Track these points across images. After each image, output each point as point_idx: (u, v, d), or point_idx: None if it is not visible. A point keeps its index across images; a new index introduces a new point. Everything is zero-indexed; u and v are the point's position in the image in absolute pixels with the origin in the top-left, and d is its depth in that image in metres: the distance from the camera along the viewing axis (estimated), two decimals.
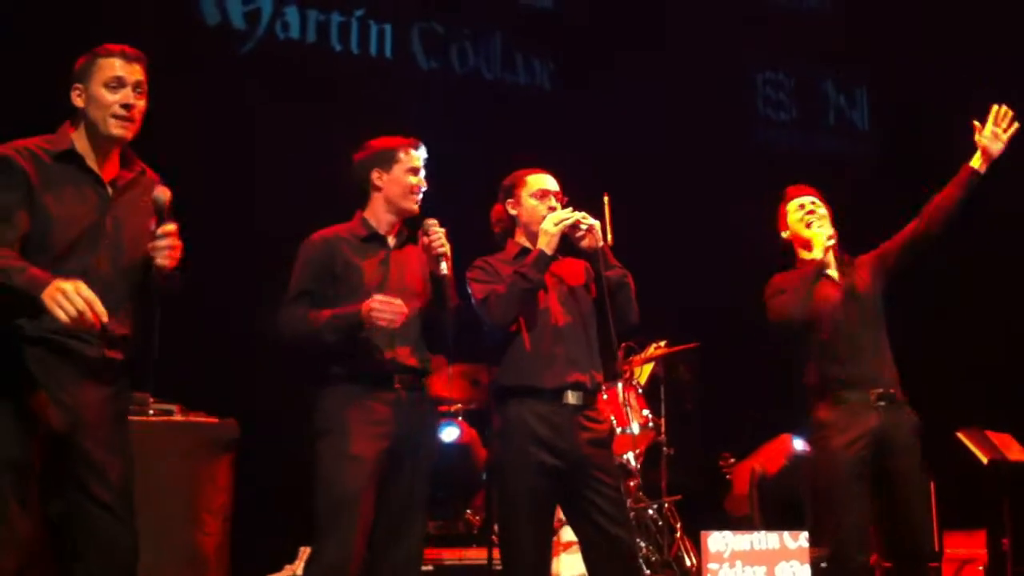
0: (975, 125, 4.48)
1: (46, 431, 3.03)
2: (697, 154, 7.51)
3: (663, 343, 6.10)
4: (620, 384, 5.62)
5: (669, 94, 7.48)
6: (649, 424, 5.73)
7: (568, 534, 4.98)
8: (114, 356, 3.17)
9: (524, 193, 4.10)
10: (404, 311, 3.59)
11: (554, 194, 4.10)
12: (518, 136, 6.63)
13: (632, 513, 5.23)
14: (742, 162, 7.79)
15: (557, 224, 3.92)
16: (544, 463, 3.82)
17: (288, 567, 4.96)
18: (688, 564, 5.62)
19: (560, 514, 4.11)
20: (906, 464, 4.29)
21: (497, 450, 4.01)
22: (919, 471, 4.35)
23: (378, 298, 3.58)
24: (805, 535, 5.16)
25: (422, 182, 3.88)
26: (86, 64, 3.26)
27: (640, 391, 5.79)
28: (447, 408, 6.01)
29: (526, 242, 4.11)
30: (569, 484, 3.86)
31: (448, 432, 5.83)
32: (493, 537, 4.87)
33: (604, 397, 5.27)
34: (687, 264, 7.16)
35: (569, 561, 5.05)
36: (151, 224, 3.16)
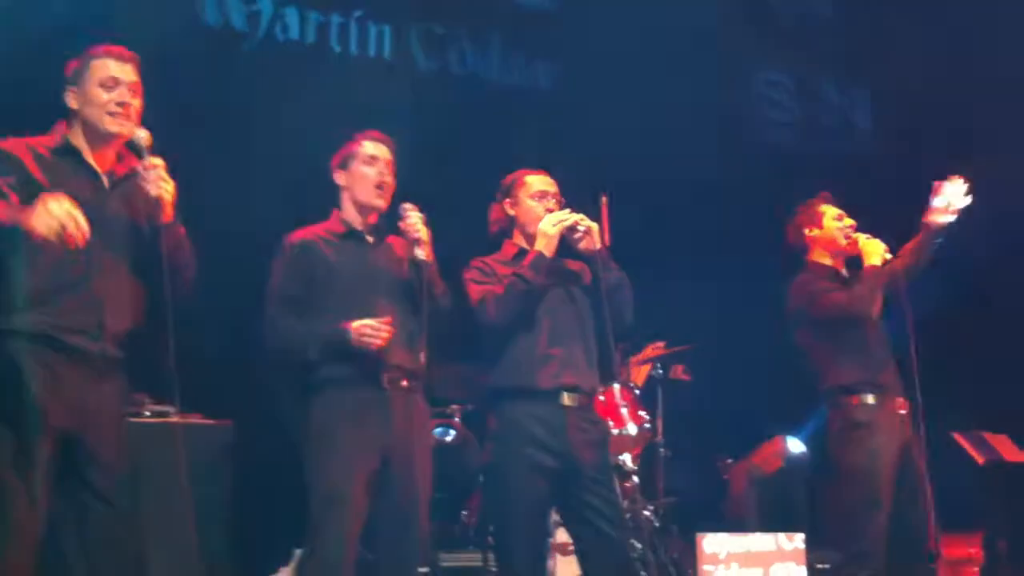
0: (935, 184, 4.52)
1: (51, 428, 3.05)
2: (696, 155, 7.51)
3: (660, 344, 6.11)
4: (616, 385, 5.63)
5: (668, 95, 7.47)
6: (645, 425, 5.73)
7: (563, 536, 4.98)
8: (115, 352, 3.19)
9: (523, 193, 4.11)
10: (390, 332, 3.58)
11: (553, 195, 4.11)
12: (517, 137, 6.63)
13: (628, 514, 5.24)
14: (742, 163, 7.79)
15: (555, 225, 3.93)
16: (540, 464, 3.83)
17: (283, 569, 4.96)
18: (684, 566, 5.63)
19: (555, 516, 4.12)
20: (916, 468, 4.40)
21: (493, 451, 4.03)
22: (924, 475, 4.42)
23: (367, 323, 3.58)
24: (801, 536, 5.17)
25: (381, 174, 3.84)
26: (79, 66, 3.30)
27: (637, 392, 5.79)
28: (443, 409, 6.01)
29: (524, 243, 4.12)
30: (565, 486, 3.88)
31: (444, 433, 5.83)
32: (489, 539, 4.89)
33: (600, 398, 5.27)
34: (684, 265, 7.16)
35: (564, 563, 5.05)
36: (145, 220, 3.20)
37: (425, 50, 7.17)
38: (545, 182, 4.13)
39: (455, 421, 5.98)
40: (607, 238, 4.67)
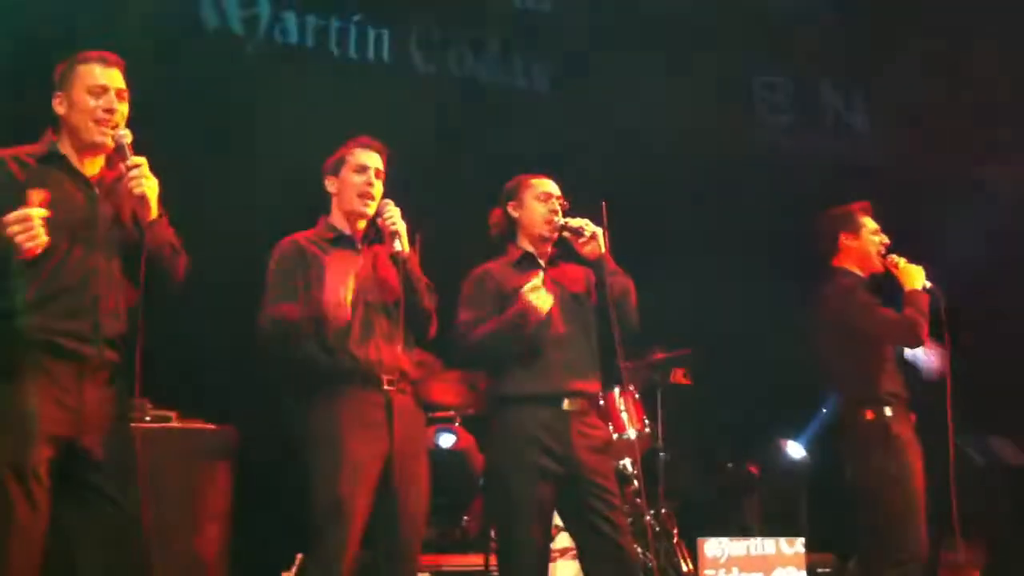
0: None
1: (49, 434, 3.03)
2: (695, 158, 7.51)
3: (660, 349, 6.10)
4: (617, 390, 5.62)
5: (667, 98, 7.47)
6: (646, 430, 5.72)
7: (563, 540, 4.97)
8: (112, 356, 3.18)
9: (528, 195, 4.12)
10: (342, 300, 3.54)
11: (557, 197, 4.11)
12: (516, 140, 6.62)
13: (629, 519, 5.23)
14: (740, 165, 7.79)
15: (536, 295, 3.85)
16: (542, 468, 3.83)
17: (285, 574, 4.95)
18: (684, 570, 5.62)
19: (557, 520, 4.11)
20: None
21: (495, 455, 4.02)
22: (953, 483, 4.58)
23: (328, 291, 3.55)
24: (801, 541, 5.18)
25: (370, 182, 3.81)
26: (65, 71, 3.28)
27: (637, 397, 5.78)
28: (444, 414, 6.00)
29: (528, 245, 4.13)
30: (567, 490, 3.87)
31: (445, 438, 5.82)
32: (491, 543, 4.88)
33: (601, 403, 5.26)
34: (684, 269, 7.16)
35: (565, 567, 5.05)
36: (133, 223, 3.19)
37: (424, 53, 7.17)
38: (549, 184, 4.14)
39: (456, 426, 5.96)
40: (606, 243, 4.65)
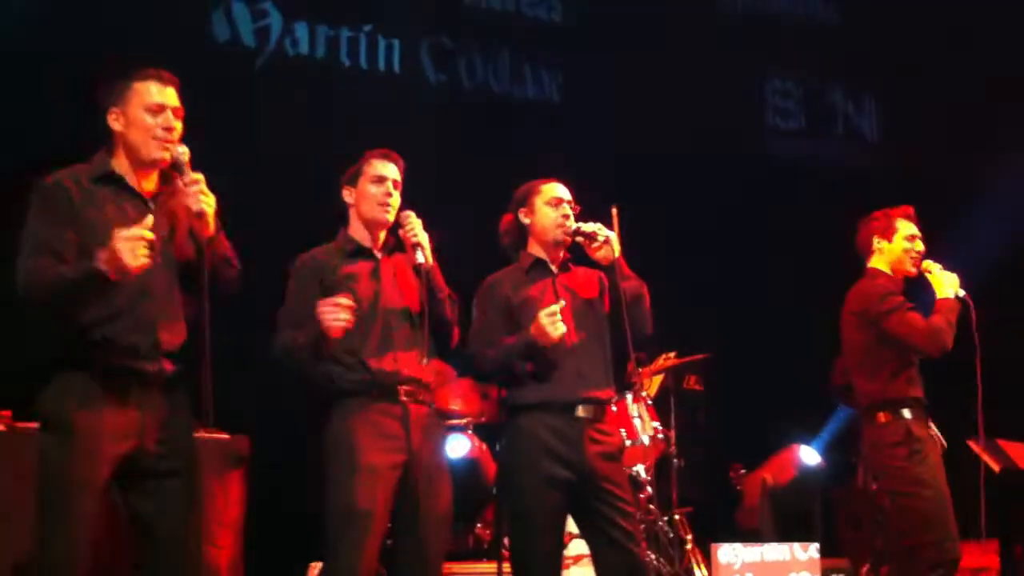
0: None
1: (112, 451, 3.06)
2: (705, 163, 7.52)
3: (672, 354, 6.10)
4: (630, 396, 5.62)
5: (677, 104, 7.49)
6: (659, 436, 5.72)
7: (576, 548, 4.97)
8: (171, 369, 3.21)
9: (539, 201, 4.10)
10: (343, 304, 3.53)
11: (568, 202, 4.11)
12: (527, 148, 6.65)
13: (643, 525, 5.23)
14: (751, 171, 7.80)
15: (552, 321, 3.86)
16: (555, 476, 3.82)
17: None
18: None
19: (570, 527, 4.11)
20: None
21: (507, 463, 4.01)
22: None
23: (322, 302, 3.56)
24: (815, 546, 5.16)
25: (388, 192, 3.80)
26: (121, 88, 3.26)
27: (650, 403, 5.78)
28: (457, 422, 6.01)
29: (539, 251, 4.11)
30: (580, 497, 3.86)
31: (458, 446, 5.82)
32: (503, 551, 4.88)
33: (614, 409, 5.26)
34: (695, 274, 7.16)
35: (579, 574, 5.05)
36: (189, 236, 3.23)
37: (435, 63, 7.20)
38: (560, 189, 4.13)
39: (469, 434, 5.97)
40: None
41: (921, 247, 4.68)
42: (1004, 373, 7.16)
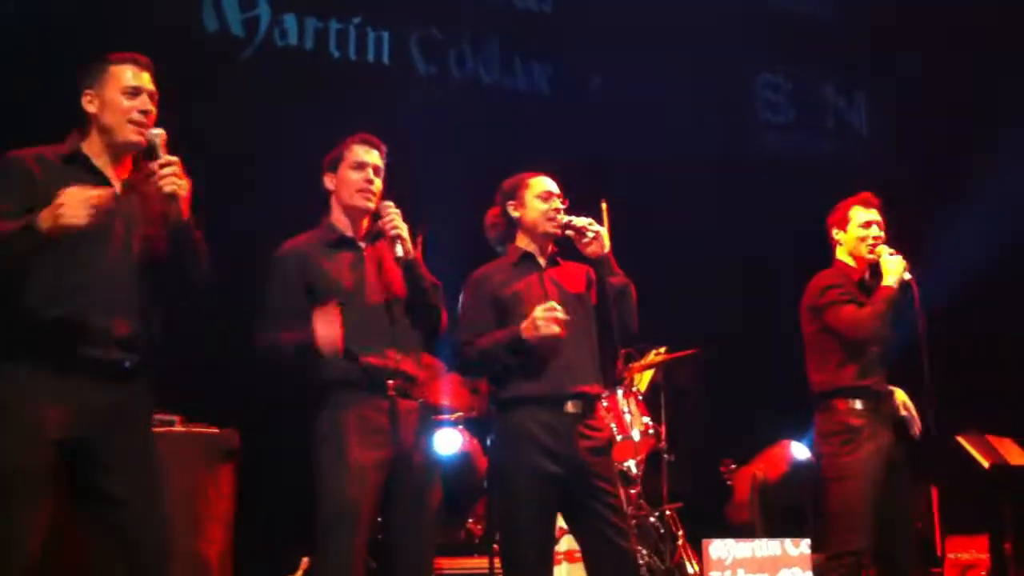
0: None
1: (54, 436, 3.02)
2: (695, 157, 7.50)
3: (663, 350, 6.08)
4: (620, 391, 5.60)
5: (668, 97, 7.47)
6: (649, 431, 5.71)
7: (568, 543, 4.96)
8: (124, 358, 3.16)
9: (528, 194, 4.08)
10: (332, 314, 3.51)
11: (557, 195, 4.09)
12: (517, 140, 6.61)
13: (633, 521, 5.22)
14: (741, 165, 7.78)
15: (545, 319, 3.83)
16: (545, 470, 3.81)
17: None
18: (690, 572, 5.61)
19: (561, 523, 4.09)
20: (902, 478, 4.51)
21: (497, 458, 4.00)
22: (910, 486, 4.60)
23: (318, 317, 3.51)
24: (807, 542, 5.15)
25: (369, 178, 3.76)
26: (97, 70, 3.26)
27: (640, 398, 5.77)
28: (447, 417, 5.98)
29: (527, 245, 4.09)
30: (570, 492, 3.85)
31: (448, 441, 5.80)
32: (494, 546, 4.86)
33: (604, 404, 5.25)
34: (685, 269, 7.15)
35: (570, 571, 5.03)
36: (160, 221, 3.20)
37: (424, 55, 7.16)
38: (549, 183, 4.11)
39: (460, 428, 5.94)
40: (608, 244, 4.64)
41: (877, 232, 4.67)
42: (997, 370, 7.23)
